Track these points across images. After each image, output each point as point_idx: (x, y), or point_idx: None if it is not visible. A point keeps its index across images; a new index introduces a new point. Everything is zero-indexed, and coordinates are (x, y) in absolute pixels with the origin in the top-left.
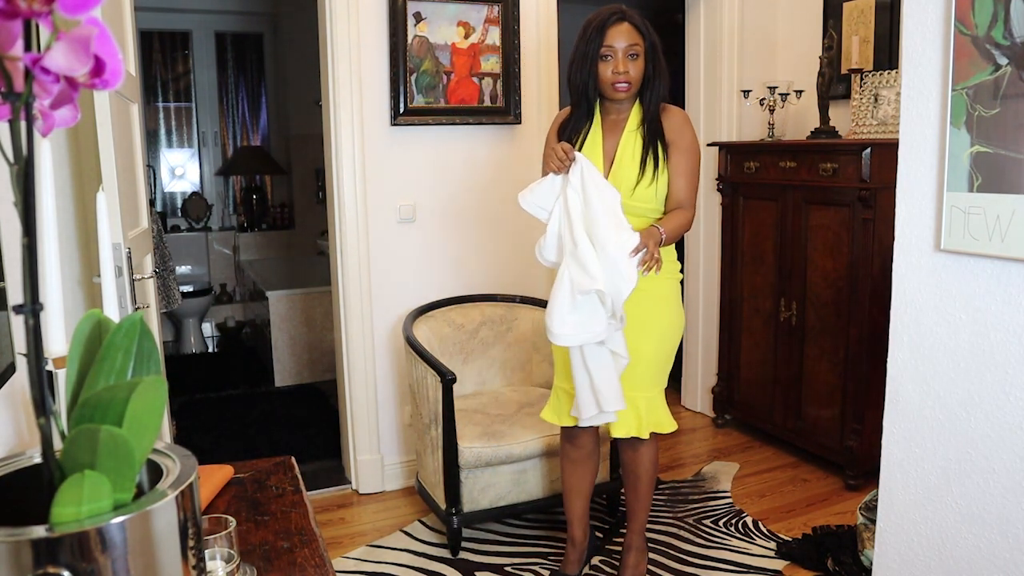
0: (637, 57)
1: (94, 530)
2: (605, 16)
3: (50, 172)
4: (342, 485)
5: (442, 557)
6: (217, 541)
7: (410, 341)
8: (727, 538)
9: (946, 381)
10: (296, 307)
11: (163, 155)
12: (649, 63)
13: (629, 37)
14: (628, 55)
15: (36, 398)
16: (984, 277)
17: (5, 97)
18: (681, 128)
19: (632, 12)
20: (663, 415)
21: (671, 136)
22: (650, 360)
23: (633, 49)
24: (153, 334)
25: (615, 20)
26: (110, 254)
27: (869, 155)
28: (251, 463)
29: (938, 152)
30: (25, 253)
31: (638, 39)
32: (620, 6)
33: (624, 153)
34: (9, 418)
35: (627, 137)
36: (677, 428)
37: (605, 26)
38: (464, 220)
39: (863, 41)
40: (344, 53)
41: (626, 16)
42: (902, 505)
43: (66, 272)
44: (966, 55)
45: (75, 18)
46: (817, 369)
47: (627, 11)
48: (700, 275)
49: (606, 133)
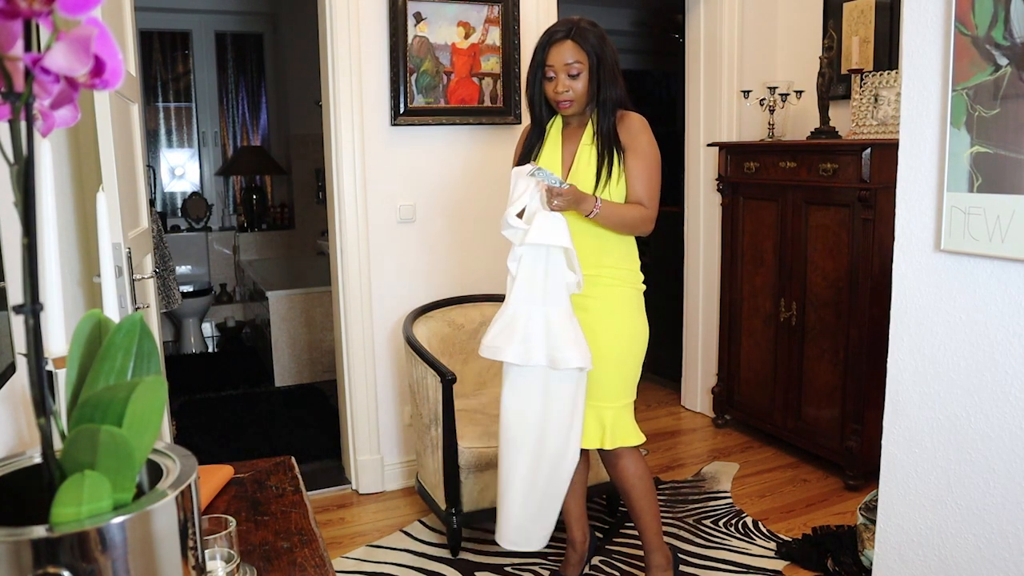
0: (578, 75)
1: (94, 530)
2: (550, 33)
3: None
4: (342, 485)
5: (442, 557)
6: (217, 541)
7: (410, 341)
8: (727, 538)
9: (946, 381)
10: (296, 307)
11: (163, 155)
12: (593, 80)
13: (571, 55)
14: (569, 74)
15: (36, 398)
16: (984, 277)
17: (5, 97)
18: (637, 134)
19: (583, 27)
20: (630, 427)
21: (626, 141)
22: (612, 370)
23: (574, 68)
24: (153, 334)
25: (558, 38)
26: (110, 254)
27: (869, 155)
28: (251, 463)
29: (938, 152)
30: (25, 253)
31: (580, 56)
32: (572, 19)
33: (580, 162)
34: (9, 418)
35: (583, 149)
36: (645, 440)
37: (547, 45)
38: (464, 220)
39: (863, 41)
40: (344, 53)
41: (571, 33)
42: (902, 505)
43: (66, 272)
44: (966, 55)
45: (75, 18)
46: (817, 369)
47: (577, 26)
48: (700, 275)
49: (565, 141)
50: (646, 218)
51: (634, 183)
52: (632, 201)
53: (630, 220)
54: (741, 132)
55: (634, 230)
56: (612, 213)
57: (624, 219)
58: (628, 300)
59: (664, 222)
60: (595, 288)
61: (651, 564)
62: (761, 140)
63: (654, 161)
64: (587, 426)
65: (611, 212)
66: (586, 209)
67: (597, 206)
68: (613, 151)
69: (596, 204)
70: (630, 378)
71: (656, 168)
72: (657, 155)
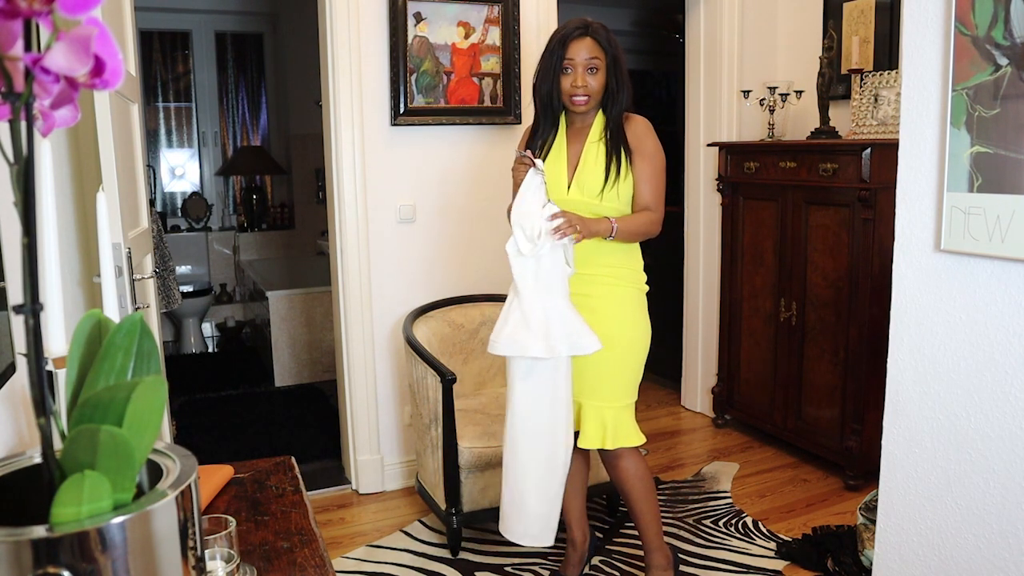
0: (597, 71)
1: (94, 530)
2: (569, 30)
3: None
4: (342, 485)
5: (442, 557)
6: (217, 541)
7: (410, 341)
8: (727, 538)
9: (946, 381)
10: (296, 307)
11: (163, 155)
12: (611, 77)
13: (590, 51)
14: (588, 69)
15: (36, 398)
16: (984, 277)
17: (5, 97)
18: (643, 136)
19: (598, 27)
20: (631, 428)
21: (633, 143)
22: (614, 370)
23: (593, 63)
24: (153, 334)
25: (577, 34)
26: (110, 254)
27: (869, 155)
28: (251, 463)
29: (938, 152)
30: (25, 253)
31: (599, 53)
32: (586, 19)
33: (587, 160)
34: (9, 418)
35: (589, 147)
36: (645, 440)
37: (567, 40)
38: (464, 220)
39: (863, 41)
40: (344, 53)
41: (589, 31)
42: (902, 505)
43: (66, 272)
44: (966, 55)
45: (75, 18)
46: (817, 369)
47: (592, 25)
48: (700, 275)
49: (570, 140)
50: (655, 221)
51: (641, 187)
52: (639, 205)
53: (644, 229)
54: (741, 132)
55: (647, 236)
56: (628, 228)
57: (639, 230)
58: (630, 300)
59: (664, 222)
60: (597, 287)
61: (651, 564)
62: (761, 140)
63: (660, 164)
64: (588, 426)
65: (627, 227)
66: (604, 233)
67: (615, 227)
68: (621, 150)
69: (613, 225)
70: (631, 379)
71: (662, 171)
72: (663, 158)
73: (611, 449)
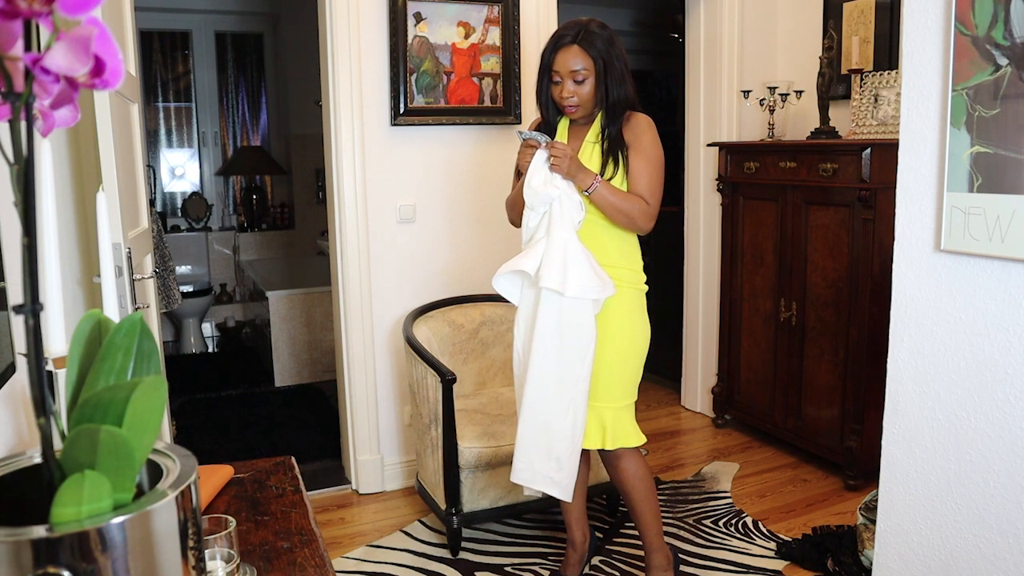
0: (583, 81)
1: (94, 530)
2: (558, 37)
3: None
4: (342, 485)
5: (442, 557)
6: (217, 541)
7: (410, 341)
8: (727, 538)
9: (946, 381)
10: (296, 307)
11: (163, 155)
12: (601, 83)
13: (576, 61)
14: (574, 80)
15: (36, 398)
16: (984, 277)
17: (5, 97)
18: (641, 133)
19: (591, 30)
20: (630, 428)
21: (630, 139)
22: (613, 371)
23: (580, 74)
24: (153, 334)
25: (565, 43)
26: (110, 254)
27: (869, 155)
28: (251, 463)
29: (938, 152)
30: (25, 253)
31: (586, 63)
32: (580, 22)
33: (582, 159)
34: (9, 418)
35: (585, 147)
36: (645, 440)
37: (554, 49)
38: (464, 220)
39: (863, 41)
40: (344, 53)
41: (578, 38)
42: (902, 505)
43: (66, 272)
44: (966, 55)
45: (75, 18)
46: (817, 369)
47: (585, 30)
48: (700, 275)
49: (572, 136)
50: (645, 213)
51: (636, 178)
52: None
53: (627, 209)
54: (741, 132)
55: (631, 222)
56: (610, 194)
57: (621, 206)
58: (629, 300)
59: (664, 222)
60: None
61: (651, 564)
62: (761, 140)
63: (656, 159)
64: (588, 427)
65: (609, 192)
66: (585, 182)
67: (597, 180)
68: (618, 152)
69: (596, 179)
70: (631, 379)
71: (658, 166)
72: (660, 154)
73: (611, 449)
